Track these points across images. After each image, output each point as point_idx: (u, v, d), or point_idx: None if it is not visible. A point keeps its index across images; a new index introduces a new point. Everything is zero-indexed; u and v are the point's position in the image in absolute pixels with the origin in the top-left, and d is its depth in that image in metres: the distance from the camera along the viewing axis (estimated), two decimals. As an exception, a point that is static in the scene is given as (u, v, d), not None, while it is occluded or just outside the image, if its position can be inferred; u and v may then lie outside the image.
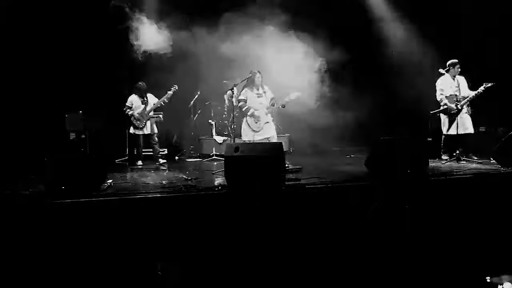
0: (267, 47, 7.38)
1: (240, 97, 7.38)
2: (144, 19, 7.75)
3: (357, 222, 3.97)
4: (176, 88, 8.12)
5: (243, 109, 7.28)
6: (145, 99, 8.22)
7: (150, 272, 2.81)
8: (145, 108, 8.17)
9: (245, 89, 7.35)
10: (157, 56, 7.91)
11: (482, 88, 7.25)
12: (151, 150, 8.38)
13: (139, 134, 8.21)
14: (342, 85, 8.09)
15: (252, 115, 7.21)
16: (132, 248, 3.29)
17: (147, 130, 8.20)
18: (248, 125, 7.26)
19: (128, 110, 8.16)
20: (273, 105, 7.28)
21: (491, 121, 8.35)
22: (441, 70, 7.55)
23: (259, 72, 7.24)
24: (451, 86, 7.55)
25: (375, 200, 4.55)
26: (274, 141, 7.23)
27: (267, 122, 7.30)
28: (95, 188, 5.26)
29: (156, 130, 8.33)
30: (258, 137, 7.19)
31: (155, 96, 8.36)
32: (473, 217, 3.80)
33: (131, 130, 8.24)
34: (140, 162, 8.19)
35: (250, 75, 7.25)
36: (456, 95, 7.45)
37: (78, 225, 4.04)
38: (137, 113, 8.15)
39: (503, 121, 8.16)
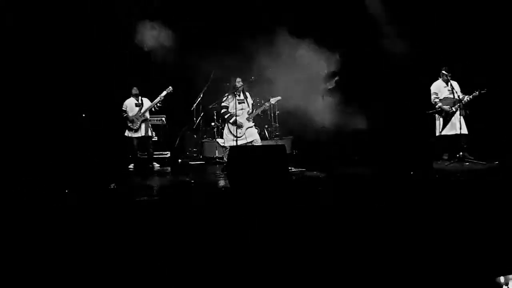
0: (271, 51, 7.40)
1: (222, 104, 7.43)
2: (148, 21, 7.76)
3: (360, 221, 3.97)
4: (171, 89, 8.03)
5: (226, 116, 7.34)
6: (140, 101, 8.20)
7: (152, 273, 2.82)
8: (139, 110, 8.14)
9: (227, 95, 7.39)
10: (159, 58, 7.91)
11: (475, 93, 7.42)
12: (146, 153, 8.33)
13: (133, 137, 8.15)
14: (347, 88, 8.05)
15: (234, 123, 7.24)
16: (135, 250, 3.30)
17: (141, 133, 8.14)
18: (230, 131, 7.30)
19: (123, 113, 8.17)
20: (253, 111, 7.40)
21: (489, 122, 8.30)
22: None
23: (240, 78, 7.32)
24: (444, 89, 7.73)
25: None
26: (258, 144, 7.29)
27: (249, 128, 7.36)
28: (98, 190, 5.28)
29: (150, 133, 8.29)
30: (240, 142, 7.20)
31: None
32: (479, 218, 3.79)
33: (126, 133, 8.20)
34: (131, 166, 8.16)
35: (233, 82, 7.33)
36: (451, 97, 7.63)
37: (81, 228, 4.04)
38: (131, 115, 8.11)
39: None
